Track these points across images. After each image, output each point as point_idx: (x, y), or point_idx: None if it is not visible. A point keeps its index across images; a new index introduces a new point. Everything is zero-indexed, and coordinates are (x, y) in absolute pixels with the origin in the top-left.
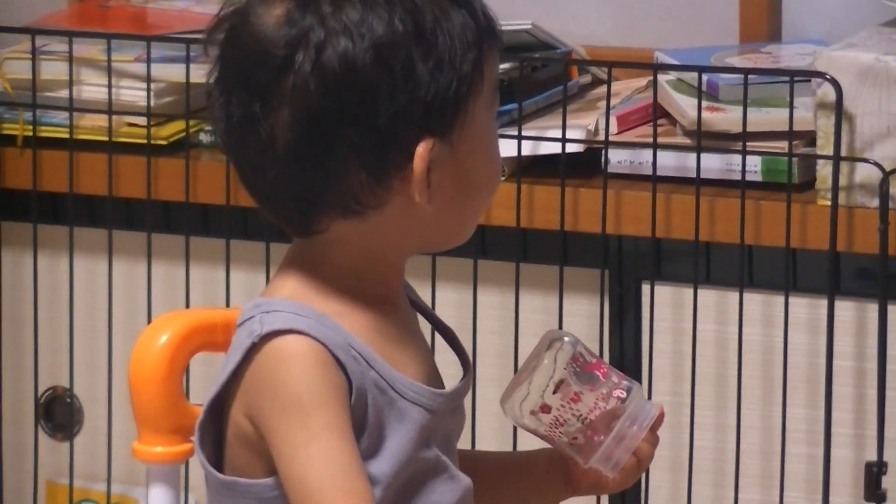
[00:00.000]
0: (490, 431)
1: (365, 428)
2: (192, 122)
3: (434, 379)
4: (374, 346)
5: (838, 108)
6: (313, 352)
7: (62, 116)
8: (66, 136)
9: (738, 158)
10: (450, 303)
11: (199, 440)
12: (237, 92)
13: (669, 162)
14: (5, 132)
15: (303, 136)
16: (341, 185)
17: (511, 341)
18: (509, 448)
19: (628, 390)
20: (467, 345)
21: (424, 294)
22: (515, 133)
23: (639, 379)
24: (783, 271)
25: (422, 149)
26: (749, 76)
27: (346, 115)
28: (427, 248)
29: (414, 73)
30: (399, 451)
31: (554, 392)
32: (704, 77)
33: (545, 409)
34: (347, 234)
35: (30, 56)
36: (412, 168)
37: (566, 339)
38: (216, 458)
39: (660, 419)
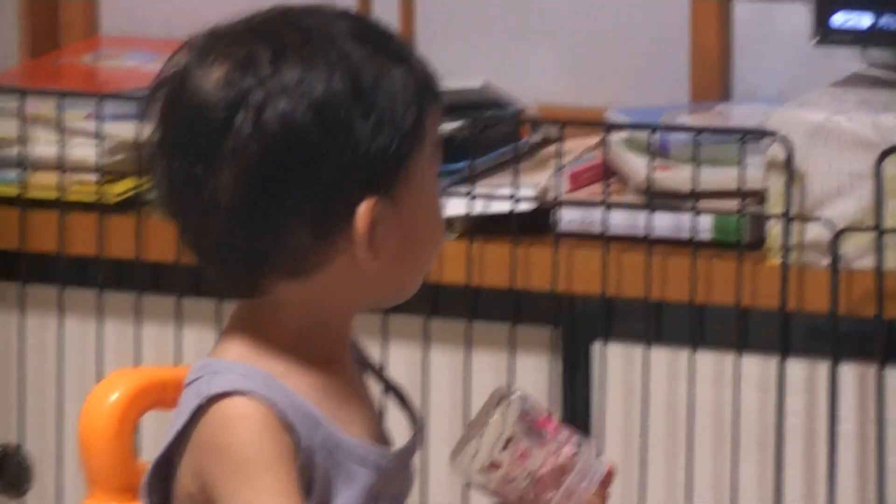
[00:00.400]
0: (441, 489)
1: (313, 489)
2: (143, 180)
3: (381, 438)
4: (320, 406)
5: (789, 167)
6: (260, 414)
7: (13, 174)
8: (17, 193)
9: (688, 218)
10: (401, 361)
11: (147, 499)
12: (178, 155)
13: (621, 220)
14: None
15: (245, 198)
16: (285, 246)
17: (462, 399)
18: None
19: (578, 445)
20: (418, 404)
21: (375, 352)
22: (467, 191)
23: (589, 436)
24: (734, 330)
25: (364, 208)
26: (700, 135)
27: (287, 176)
28: (374, 305)
29: (354, 132)
30: None
31: (503, 448)
32: (655, 136)
33: (494, 465)
34: (292, 295)
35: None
36: (355, 227)
37: (515, 394)
38: None
39: (610, 475)
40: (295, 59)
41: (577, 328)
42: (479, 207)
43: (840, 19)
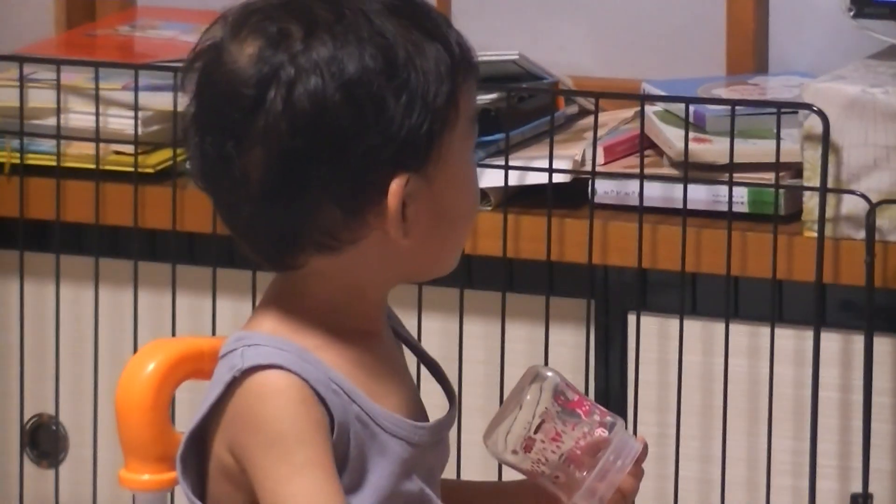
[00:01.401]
0: (475, 462)
1: (347, 463)
2: (179, 151)
3: (417, 411)
4: (354, 379)
5: (825, 140)
6: (294, 387)
7: (49, 144)
8: (54, 163)
9: (724, 190)
10: (435, 332)
11: (182, 470)
12: (211, 131)
13: (656, 193)
14: None
15: (275, 175)
16: (316, 222)
17: (497, 371)
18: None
19: (611, 426)
20: (452, 375)
21: (410, 324)
22: (502, 163)
23: (624, 409)
24: (769, 303)
25: (395, 185)
26: (736, 107)
27: (317, 154)
28: (408, 280)
29: (385, 110)
30: (381, 486)
31: (536, 430)
32: (691, 108)
33: (528, 446)
34: (325, 268)
35: (17, 84)
36: (387, 204)
37: (549, 374)
38: (199, 488)
39: (643, 453)
40: (327, 35)
41: (612, 300)
42: (514, 179)
43: None
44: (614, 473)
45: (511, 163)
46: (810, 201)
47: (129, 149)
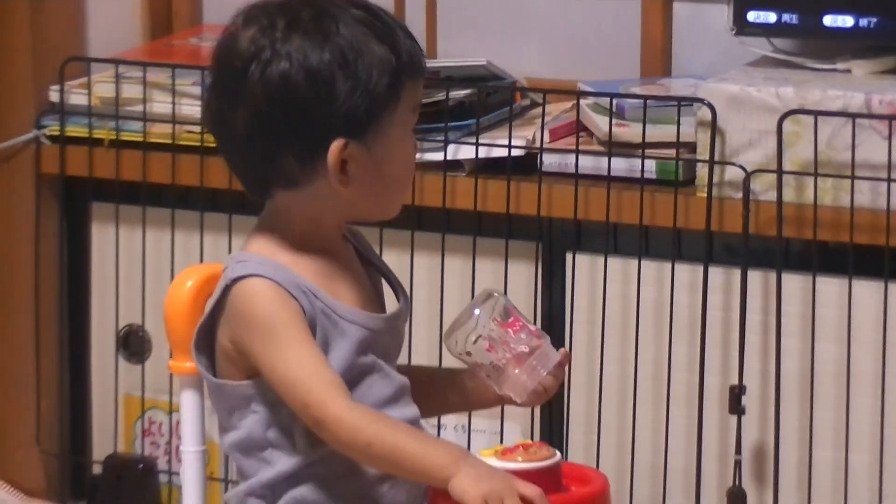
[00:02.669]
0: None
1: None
2: None
3: (373, 305)
4: (319, 284)
5: (713, 125)
6: (271, 288)
7: (137, 125)
8: (141, 139)
9: (638, 162)
10: (423, 268)
11: (196, 355)
12: (216, 92)
13: (588, 164)
14: (95, 136)
15: (251, 129)
16: (279, 165)
17: (469, 296)
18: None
19: (538, 338)
20: (435, 304)
21: (405, 264)
22: (474, 141)
23: (562, 325)
24: (671, 246)
25: (335, 147)
26: (647, 101)
27: (281, 116)
28: (357, 219)
29: (334, 91)
30: (342, 357)
31: (474, 342)
32: (615, 101)
33: (468, 353)
34: (290, 202)
35: (114, 80)
36: (328, 159)
37: (496, 295)
38: (212, 368)
39: (564, 360)
40: (301, 31)
41: (555, 243)
42: (483, 153)
43: (753, 16)
44: (538, 372)
45: (480, 141)
46: (702, 171)
47: (197, 129)
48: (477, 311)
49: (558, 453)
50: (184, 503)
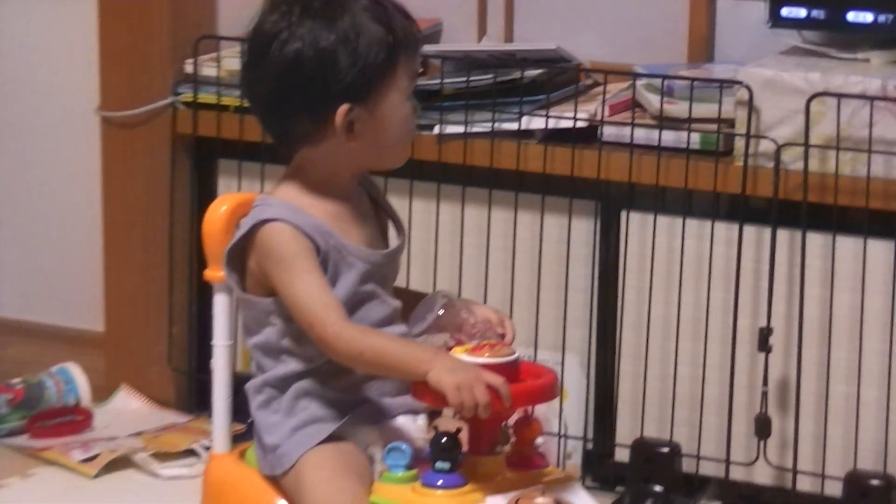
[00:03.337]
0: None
1: (326, 274)
2: None
3: (377, 242)
4: (333, 224)
5: (750, 104)
6: (288, 229)
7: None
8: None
9: (684, 135)
10: (500, 223)
11: (228, 272)
12: (247, 65)
13: (641, 135)
14: (223, 103)
15: (272, 96)
16: (298, 127)
17: (536, 249)
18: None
19: (474, 326)
20: (509, 252)
21: (483, 217)
22: (544, 114)
23: (616, 273)
24: (711, 206)
25: (340, 111)
26: (694, 83)
27: (296, 88)
28: (368, 168)
29: (338, 65)
30: (347, 286)
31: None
32: (665, 82)
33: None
34: (310, 155)
35: (240, 55)
36: (336, 120)
37: (446, 299)
38: (242, 283)
39: (510, 334)
40: (312, 16)
41: (612, 203)
42: (551, 124)
43: (786, 11)
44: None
45: (549, 114)
46: (739, 143)
47: None
48: (432, 313)
49: (517, 351)
50: (214, 388)
